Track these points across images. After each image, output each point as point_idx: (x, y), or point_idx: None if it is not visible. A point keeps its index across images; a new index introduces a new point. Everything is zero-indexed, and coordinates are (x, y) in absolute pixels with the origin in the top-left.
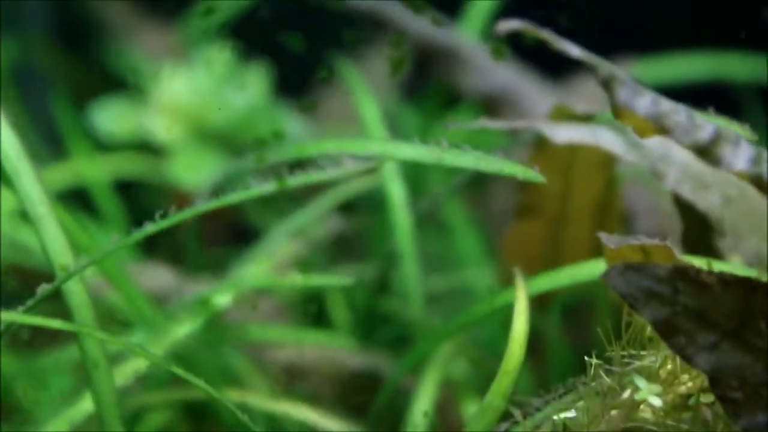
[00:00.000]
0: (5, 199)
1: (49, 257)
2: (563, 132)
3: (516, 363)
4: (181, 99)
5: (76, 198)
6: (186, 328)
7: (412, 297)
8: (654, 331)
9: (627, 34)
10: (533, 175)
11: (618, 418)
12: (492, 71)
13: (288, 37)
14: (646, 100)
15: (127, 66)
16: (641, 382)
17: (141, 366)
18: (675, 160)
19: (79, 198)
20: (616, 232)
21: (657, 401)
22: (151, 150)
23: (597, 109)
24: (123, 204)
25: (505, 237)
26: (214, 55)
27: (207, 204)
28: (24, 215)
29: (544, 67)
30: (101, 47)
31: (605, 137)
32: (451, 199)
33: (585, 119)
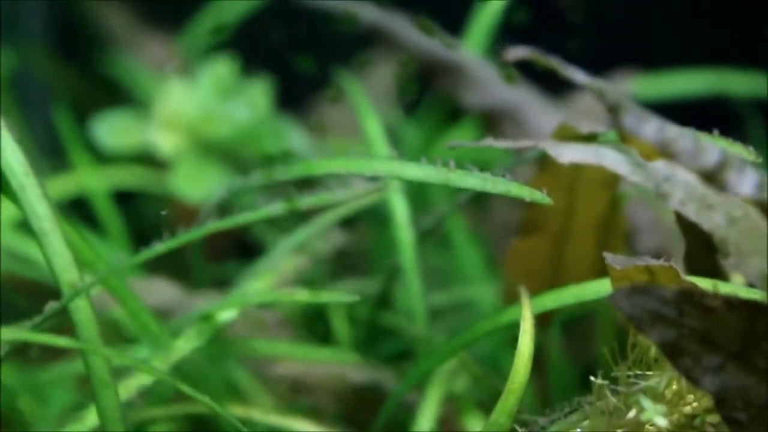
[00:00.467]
0: (2, 208)
1: (55, 273)
2: (568, 152)
3: (522, 381)
4: (184, 112)
5: (76, 209)
6: (190, 343)
7: (414, 312)
8: (660, 353)
9: (629, 49)
10: (541, 198)
11: None
12: (493, 86)
13: (291, 51)
14: (651, 126)
15: (129, 77)
16: (647, 402)
17: (145, 381)
18: (679, 180)
19: (80, 209)
20: (619, 250)
21: (663, 421)
22: (153, 162)
23: (598, 124)
24: (124, 216)
25: (508, 253)
26: (217, 68)
27: (216, 224)
28: (23, 226)
29: (543, 81)
30: (103, 58)
31: (610, 157)
32: (453, 214)
33: (589, 139)
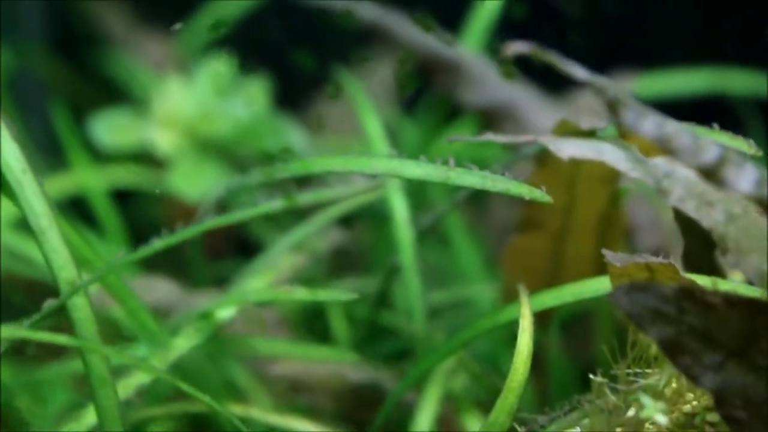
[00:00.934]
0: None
1: (53, 271)
2: (568, 147)
3: (521, 380)
4: (182, 110)
5: (75, 208)
6: (189, 341)
7: (413, 310)
8: (659, 350)
9: (628, 48)
10: (540, 195)
11: None
12: (492, 84)
13: (289, 49)
14: (651, 122)
15: (127, 76)
16: (647, 399)
17: (144, 379)
18: (679, 176)
19: (78, 208)
20: (619, 247)
21: (662, 419)
22: (151, 161)
23: (597, 121)
24: (122, 214)
25: (507, 250)
26: (215, 67)
27: (215, 220)
28: (21, 225)
29: (542, 78)
30: (101, 57)
31: (610, 153)
32: (452, 212)
33: (589, 134)
